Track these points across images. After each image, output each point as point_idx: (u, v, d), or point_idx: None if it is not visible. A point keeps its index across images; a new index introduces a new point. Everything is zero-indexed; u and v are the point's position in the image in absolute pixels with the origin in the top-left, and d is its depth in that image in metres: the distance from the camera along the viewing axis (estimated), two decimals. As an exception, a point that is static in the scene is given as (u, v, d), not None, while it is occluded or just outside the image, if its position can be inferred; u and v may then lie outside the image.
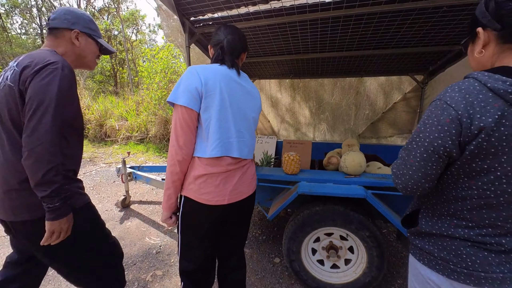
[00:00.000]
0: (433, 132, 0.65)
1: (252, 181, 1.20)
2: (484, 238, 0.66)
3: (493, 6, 0.64)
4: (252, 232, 2.69)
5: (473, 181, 0.66)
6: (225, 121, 1.04)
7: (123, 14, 15.60)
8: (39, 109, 0.88)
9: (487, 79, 0.60)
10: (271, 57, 2.66)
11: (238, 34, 1.17)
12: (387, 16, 1.77)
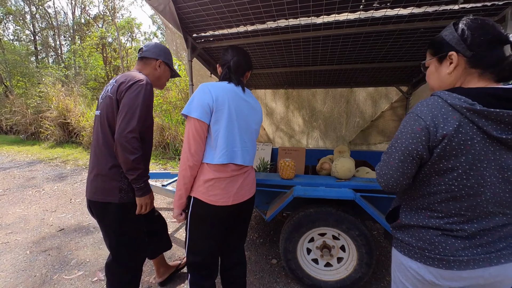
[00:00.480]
0: (408, 139, 0.78)
1: (252, 185, 1.36)
2: (451, 226, 0.78)
3: (469, 37, 0.74)
4: (250, 235, 2.80)
5: (441, 178, 0.77)
6: (232, 133, 1.19)
7: (118, 22, 15.72)
8: (128, 114, 1.23)
9: (447, 97, 0.75)
10: (267, 70, 2.83)
11: (243, 55, 1.32)
12: (371, 35, 1.97)
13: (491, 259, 0.76)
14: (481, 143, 0.71)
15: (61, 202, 3.91)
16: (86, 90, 12.37)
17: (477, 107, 0.69)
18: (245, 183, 1.29)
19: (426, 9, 1.63)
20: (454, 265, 0.77)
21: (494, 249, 0.76)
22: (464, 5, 1.58)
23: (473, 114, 0.70)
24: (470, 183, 0.74)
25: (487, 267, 0.75)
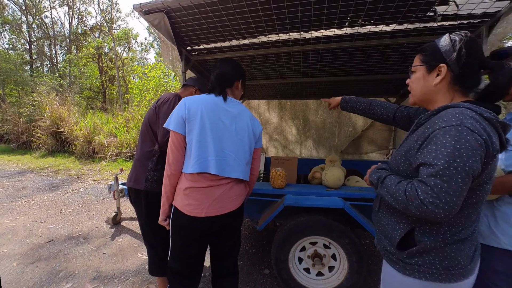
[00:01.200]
0: (470, 157, 0.66)
1: (236, 198, 1.27)
2: (466, 232, 0.78)
3: (464, 55, 0.75)
4: (242, 245, 2.79)
5: (477, 191, 0.75)
6: (204, 142, 1.18)
7: (115, 32, 15.91)
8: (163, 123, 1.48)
9: (481, 110, 0.71)
10: (259, 81, 2.91)
11: (231, 66, 1.32)
12: (358, 50, 2.06)
13: (478, 255, 0.83)
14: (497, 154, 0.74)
15: (51, 213, 3.84)
16: (81, 99, 12.36)
17: (502, 120, 0.72)
18: (225, 195, 1.23)
19: (407, 26, 1.73)
20: (469, 273, 0.79)
21: (476, 243, 0.84)
22: (442, 23, 1.69)
23: (502, 127, 0.72)
24: (488, 188, 0.76)
25: (478, 263, 0.83)
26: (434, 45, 0.82)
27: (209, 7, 1.57)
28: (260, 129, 1.37)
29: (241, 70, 1.37)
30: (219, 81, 1.29)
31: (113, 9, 16.57)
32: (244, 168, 1.28)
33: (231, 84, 1.33)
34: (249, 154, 1.31)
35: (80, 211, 3.90)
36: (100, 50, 15.15)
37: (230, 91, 1.33)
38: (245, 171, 1.29)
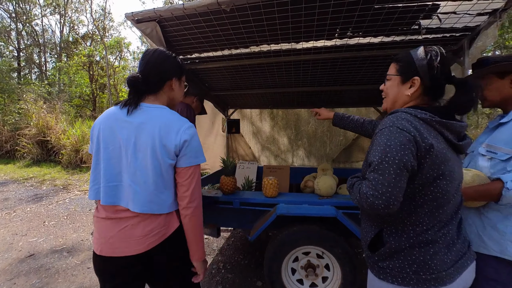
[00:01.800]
0: (399, 151, 0.75)
1: (144, 239, 0.95)
2: (436, 235, 0.79)
3: (436, 69, 0.82)
4: (234, 257, 2.73)
5: (431, 188, 0.78)
6: (97, 164, 1.00)
7: (107, 41, 15.86)
8: None
9: (415, 112, 0.81)
10: (251, 90, 2.93)
11: (153, 64, 1.02)
12: (347, 61, 2.12)
13: (463, 263, 0.82)
14: (449, 150, 0.80)
15: (34, 225, 3.66)
16: (70, 108, 12.12)
17: (437, 118, 0.79)
18: (125, 233, 0.95)
19: (394, 38, 1.80)
20: (447, 280, 0.78)
21: (462, 252, 0.83)
22: (426, 36, 1.76)
23: (439, 125, 0.79)
24: (449, 188, 0.80)
25: (463, 272, 0.81)
26: (410, 57, 0.88)
27: (202, 17, 1.59)
28: (180, 140, 0.96)
29: (172, 64, 1.06)
30: (132, 88, 1.01)
31: (105, 18, 16.58)
32: (150, 196, 0.95)
33: (157, 87, 1.04)
34: (155, 177, 0.95)
35: (64, 223, 3.74)
36: (91, 59, 15.02)
37: (156, 97, 1.04)
38: (152, 201, 0.95)
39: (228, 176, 1.97)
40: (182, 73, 1.12)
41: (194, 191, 0.99)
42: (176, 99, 1.14)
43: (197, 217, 1.01)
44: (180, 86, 1.13)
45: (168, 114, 1.01)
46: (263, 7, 1.46)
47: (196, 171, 1.01)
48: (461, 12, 1.49)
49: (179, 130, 0.97)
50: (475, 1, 1.40)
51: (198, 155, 1.02)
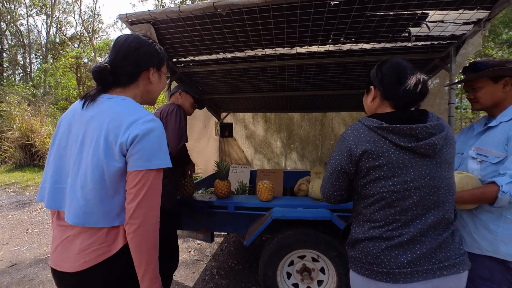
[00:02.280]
0: (335, 156, 0.93)
1: (80, 255, 0.76)
2: (391, 233, 0.83)
3: (380, 76, 0.93)
4: (228, 262, 2.69)
5: (373, 188, 0.86)
6: (48, 163, 0.86)
7: (96, 43, 15.56)
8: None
9: (364, 121, 0.91)
10: (245, 94, 2.94)
11: (124, 50, 0.85)
12: (340, 66, 2.16)
13: (434, 271, 0.80)
14: (396, 153, 0.84)
15: (16, 233, 3.50)
16: (55, 110, 11.75)
17: (384, 125, 0.85)
18: (65, 245, 0.80)
19: (385, 45, 1.85)
20: (400, 278, 0.80)
21: (436, 260, 0.81)
22: (416, 43, 1.83)
23: (382, 131, 0.85)
24: (396, 189, 0.84)
25: (431, 279, 0.80)
26: (369, 73, 1.02)
27: (197, 20, 1.59)
28: (128, 135, 0.75)
29: (148, 51, 0.89)
30: (97, 80, 0.85)
31: (95, 20, 16.29)
32: (87, 206, 0.76)
33: (130, 78, 0.87)
34: (95, 182, 0.75)
35: (49, 230, 3.59)
36: (79, 60, 14.67)
37: (124, 90, 0.87)
38: (88, 211, 0.76)
39: (222, 180, 1.95)
40: (161, 63, 0.94)
41: (140, 205, 0.74)
42: (155, 93, 0.97)
43: (140, 239, 0.75)
44: (160, 78, 0.96)
45: (126, 104, 0.82)
46: (259, 12, 1.48)
47: (149, 179, 0.76)
48: (448, 21, 1.56)
49: (132, 123, 0.76)
50: (461, 11, 1.46)
51: (153, 158, 0.76)
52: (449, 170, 0.88)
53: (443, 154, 0.86)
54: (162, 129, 0.81)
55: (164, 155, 0.80)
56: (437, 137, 0.83)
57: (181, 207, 1.96)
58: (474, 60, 1.23)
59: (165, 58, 0.97)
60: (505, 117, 1.12)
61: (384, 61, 0.97)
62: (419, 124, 0.84)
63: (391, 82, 0.91)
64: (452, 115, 1.83)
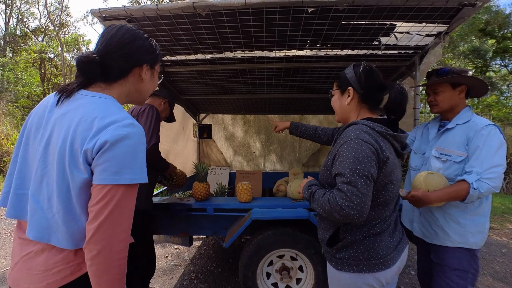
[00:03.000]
0: (367, 163, 0.82)
1: (43, 275, 0.66)
2: (382, 226, 0.93)
3: (363, 80, 0.96)
4: (207, 266, 2.65)
5: (383, 192, 0.91)
6: (13, 164, 0.75)
7: (63, 37, 14.51)
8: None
9: (373, 125, 0.90)
10: (224, 95, 2.94)
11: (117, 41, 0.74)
12: (317, 70, 2.25)
13: (402, 247, 0.97)
14: (396, 159, 0.94)
15: (-34, 245, 3.13)
16: (15, 109, 10.74)
17: (389, 131, 0.91)
18: (26, 262, 0.69)
19: (358, 52, 1.96)
20: (391, 262, 0.92)
21: (399, 238, 0.98)
22: (385, 51, 1.96)
23: (391, 137, 0.91)
24: (395, 191, 0.94)
25: (401, 255, 0.96)
26: (343, 74, 1.03)
27: (176, 20, 1.56)
28: (96, 141, 0.62)
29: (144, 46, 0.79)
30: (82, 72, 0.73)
31: (62, 13, 15.20)
32: (52, 220, 0.66)
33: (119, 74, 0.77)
34: (61, 194, 0.65)
35: (8, 241, 3.27)
36: (43, 55, 13.57)
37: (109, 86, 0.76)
38: (53, 226, 0.66)
39: (201, 182, 1.93)
40: (155, 60, 0.85)
41: (102, 228, 0.61)
42: (145, 92, 0.86)
43: (100, 268, 0.62)
44: (153, 77, 0.87)
45: (103, 104, 0.70)
46: (239, 15, 1.49)
47: (115, 196, 0.62)
48: (413, 33, 1.70)
49: (105, 126, 0.64)
50: (424, 24, 1.60)
51: (123, 170, 0.63)
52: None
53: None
54: (141, 137, 0.69)
55: (139, 168, 0.67)
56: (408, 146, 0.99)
57: (158, 211, 1.90)
58: (438, 66, 1.36)
59: (160, 55, 0.89)
60: (460, 120, 1.25)
61: (358, 64, 1.00)
62: (403, 134, 0.95)
63: (372, 87, 0.96)
64: (417, 119, 1.98)
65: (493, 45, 9.16)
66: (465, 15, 1.47)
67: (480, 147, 1.15)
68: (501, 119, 8.85)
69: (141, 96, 0.87)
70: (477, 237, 1.19)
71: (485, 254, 2.99)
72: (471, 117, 1.25)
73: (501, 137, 1.15)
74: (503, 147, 1.14)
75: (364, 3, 1.38)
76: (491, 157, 1.12)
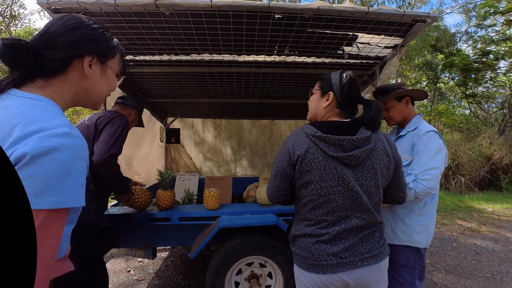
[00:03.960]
0: (278, 159, 1.00)
1: None
2: (320, 231, 0.94)
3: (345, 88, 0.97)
4: (173, 278, 2.50)
5: (305, 190, 0.94)
6: None
7: (15, 30, 13.06)
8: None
9: (304, 128, 0.98)
10: (193, 99, 2.84)
11: (55, 29, 0.63)
12: (286, 76, 2.28)
13: (356, 262, 0.91)
14: (324, 160, 0.92)
15: None
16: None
17: (318, 133, 0.93)
18: None
19: (324, 60, 2.03)
20: (327, 269, 0.90)
21: (358, 252, 0.92)
22: (349, 60, 2.05)
23: (316, 138, 0.94)
24: (323, 192, 0.92)
25: (352, 270, 0.90)
26: (329, 76, 1.05)
27: (137, 17, 1.47)
28: (18, 152, 0.49)
29: (89, 34, 0.67)
30: (8, 61, 0.60)
31: (14, 3, 13.70)
32: None
33: (55, 65, 0.63)
34: None
35: None
36: (-13, 50, 12.04)
37: (47, 83, 0.63)
38: None
39: (165, 190, 1.82)
40: (108, 54, 0.71)
41: None
42: (95, 93, 0.71)
43: None
44: (105, 74, 0.72)
45: (33, 106, 0.57)
46: (205, 16, 1.45)
47: (36, 221, 0.47)
48: (373, 44, 1.80)
49: (27, 135, 0.51)
50: (382, 36, 1.71)
51: (47, 191, 0.50)
52: (372, 178, 0.93)
53: (366, 164, 0.93)
54: (79, 151, 0.56)
55: (71, 189, 0.54)
56: (361, 149, 0.91)
57: (116, 222, 1.74)
58: (379, 86, 1.48)
59: (118, 50, 0.75)
60: (411, 127, 1.38)
61: (344, 72, 1.03)
62: (347, 136, 0.91)
63: (351, 98, 0.99)
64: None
65: (442, 60, 10.27)
66: (418, 30, 1.60)
67: (420, 151, 1.26)
68: (450, 126, 9.91)
69: (92, 97, 0.72)
70: (421, 236, 1.28)
71: (438, 249, 3.26)
72: (419, 124, 1.37)
73: (440, 142, 1.27)
74: (441, 151, 1.26)
75: (328, 13, 1.43)
76: (429, 160, 1.23)
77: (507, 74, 9.59)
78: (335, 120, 1.00)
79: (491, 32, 9.38)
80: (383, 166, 0.95)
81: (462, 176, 6.74)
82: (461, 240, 3.59)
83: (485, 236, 3.73)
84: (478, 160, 7.01)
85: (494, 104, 10.82)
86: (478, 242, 3.50)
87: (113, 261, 2.86)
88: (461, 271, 2.72)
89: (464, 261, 2.95)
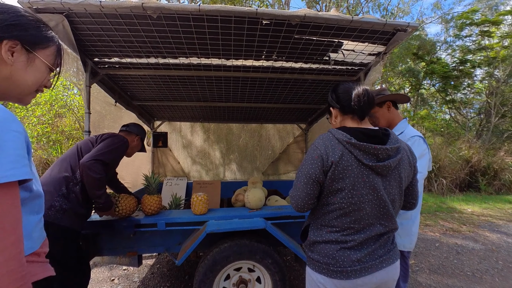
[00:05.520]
0: (308, 165, 0.95)
1: None
2: (345, 238, 0.94)
3: (338, 97, 1.04)
4: (160, 286, 2.43)
5: (335, 198, 0.93)
6: None
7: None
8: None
9: (335, 133, 0.98)
10: (180, 102, 2.81)
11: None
12: (273, 81, 2.31)
13: (376, 265, 0.95)
14: (357, 168, 0.92)
15: None
16: None
17: (353, 140, 0.93)
18: None
19: (310, 66, 2.07)
20: (352, 274, 0.92)
21: (377, 255, 0.96)
22: (334, 66, 2.11)
23: (350, 146, 0.93)
24: (354, 201, 0.92)
25: (375, 273, 0.94)
26: (328, 97, 1.11)
27: (124, 19, 1.45)
28: None
29: (9, 20, 0.64)
30: None
31: (-10, 3, 13.11)
32: None
33: None
34: None
35: None
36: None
37: None
38: None
39: (151, 195, 1.78)
40: (33, 40, 0.67)
41: None
42: (19, 82, 0.66)
43: None
44: (33, 64, 0.67)
45: None
46: (193, 20, 1.45)
47: None
48: (358, 51, 1.86)
49: None
50: (366, 44, 1.77)
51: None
52: (398, 187, 0.97)
53: (394, 173, 0.95)
54: (7, 122, 0.54)
55: (10, 163, 0.52)
56: (393, 159, 0.93)
57: (100, 229, 1.68)
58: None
59: (53, 43, 0.70)
60: (397, 132, 1.41)
61: (336, 85, 1.08)
62: (382, 145, 0.92)
63: (345, 98, 1.01)
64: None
65: (424, 67, 10.74)
66: (399, 38, 1.67)
67: None
68: (432, 130, 10.32)
69: (15, 88, 0.66)
70: (405, 239, 1.32)
71: (422, 249, 3.36)
72: (404, 128, 1.41)
73: (424, 147, 1.31)
74: (424, 157, 1.30)
75: (314, 21, 1.47)
76: None
77: (483, 82, 10.15)
78: (367, 128, 1.00)
79: (467, 42, 9.93)
80: (406, 175, 0.99)
81: (444, 178, 7.01)
82: (443, 240, 3.71)
83: (466, 236, 3.88)
84: (458, 163, 7.32)
85: (472, 110, 11.39)
86: (459, 242, 3.64)
87: (96, 270, 2.75)
88: (443, 270, 2.81)
89: (446, 260, 3.06)
